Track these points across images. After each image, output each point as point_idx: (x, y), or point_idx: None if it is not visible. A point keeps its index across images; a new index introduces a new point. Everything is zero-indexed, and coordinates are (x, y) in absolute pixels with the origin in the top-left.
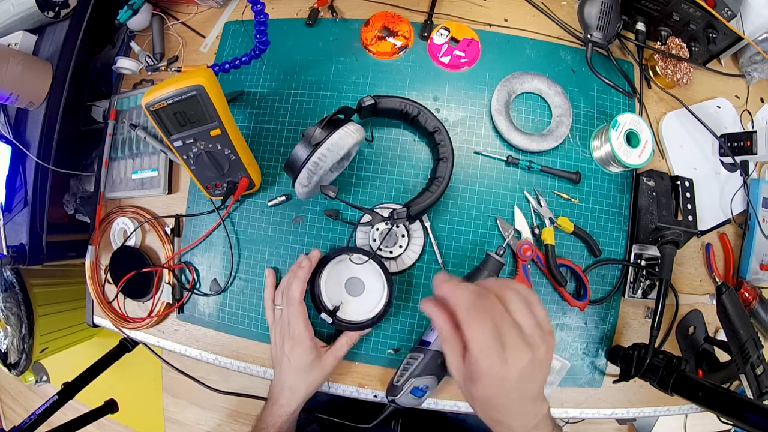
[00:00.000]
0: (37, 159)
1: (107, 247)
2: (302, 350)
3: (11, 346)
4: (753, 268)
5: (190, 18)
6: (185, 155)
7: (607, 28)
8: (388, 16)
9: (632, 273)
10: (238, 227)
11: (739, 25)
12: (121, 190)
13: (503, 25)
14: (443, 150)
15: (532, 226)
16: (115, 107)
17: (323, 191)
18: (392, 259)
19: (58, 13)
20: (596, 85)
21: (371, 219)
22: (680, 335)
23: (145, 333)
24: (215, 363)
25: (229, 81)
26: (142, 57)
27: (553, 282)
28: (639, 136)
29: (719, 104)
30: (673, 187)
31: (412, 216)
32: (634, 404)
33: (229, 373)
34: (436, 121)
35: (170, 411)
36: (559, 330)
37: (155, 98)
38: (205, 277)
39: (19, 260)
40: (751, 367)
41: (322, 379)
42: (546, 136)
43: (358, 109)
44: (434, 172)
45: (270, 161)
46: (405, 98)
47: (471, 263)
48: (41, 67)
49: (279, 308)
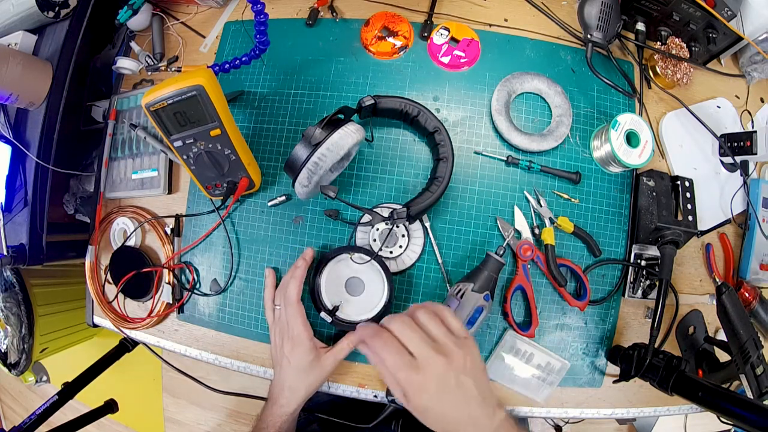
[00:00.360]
0: (37, 159)
1: (107, 247)
2: (302, 350)
3: (11, 346)
4: (753, 268)
5: (190, 18)
6: (185, 155)
7: (607, 28)
8: (388, 16)
9: (632, 273)
10: (238, 227)
11: (739, 25)
12: (121, 190)
13: (503, 25)
14: (443, 150)
15: (532, 226)
16: (115, 107)
17: (323, 191)
18: (392, 259)
19: (58, 13)
20: (596, 85)
21: (371, 219)
22: (680, 335)
23: (145, 333)
24: (215, 363)
25: (229, 81)
26: (142, 57)
27: (553, 282)
28: (639, 136)
29: (719, 104)
30: (673, 187)
31: (412, 216)
32: (634, 404)
33: (229, 373)
34: (436, 121)
35: (170, 411)
36: (559, 330)
37: (155, 98)
38: (205, 277)
39: (19, 260)
40: (751, 367)
41: (322, 380)
42: (546, 136)
43: (358, 109)
44: (434, 172)
45: (270, 161)
46: (405, 98)
47: (471, 263)
48: (41, 67)
49: (278, 308)
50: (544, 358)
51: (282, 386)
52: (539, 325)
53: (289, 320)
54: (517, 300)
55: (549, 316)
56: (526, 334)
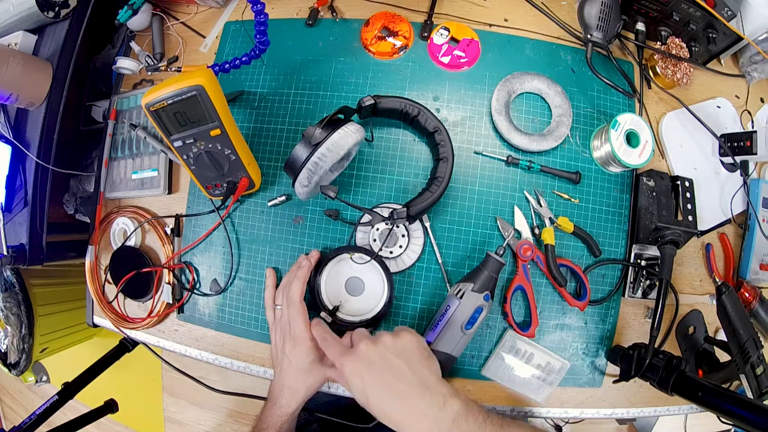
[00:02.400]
0: (37, 159)
1: (107, 247)
2: (303, 351)
3: (11, 346)
4: (753, 268)
5: (190, 18)
6: (185, 155)
7: (607, 28)
8: (388, 16)
9: (632, 273)
10: (238, 227)
11: (739, 25)
12: (121, 190)
13: (503, 25)
14: (443, 150)
15: (532, 226)
16: (115, 107)
17: (323, 191)
18: (392, 259)
19: (58, 13)
20: (596, 85)
21: (371, 219)
22: (680, 335)
23: (145, 333)
24: (215, 363)
25: (229, 81)
26: (142, 57)
27: (553, 282)
28: (639, 136)
29: (719, 104)
30: (673, 187)
31: (412, 216)
32: (634, 404)
33: (229, 373)
34: (436, 121)
35: (170, 411)
36: (559, 330)
37: (155, 98)
38: (205, 277)
39: (19, 260)
40: (751, 367)
41: (322, 380)
42: (546, 136)
43: (358, 109)
44: (434, 172)
45: (270, 161)
46: (405, 98)
47: (471, 263)
48: (41, 67)
49: (279, 308)
50: (544, 358)
51: (282, 386)
52: (539, 325)
53: (292, 320)
54: (517, 300)
55: (549, 316)
56: (526, 334)
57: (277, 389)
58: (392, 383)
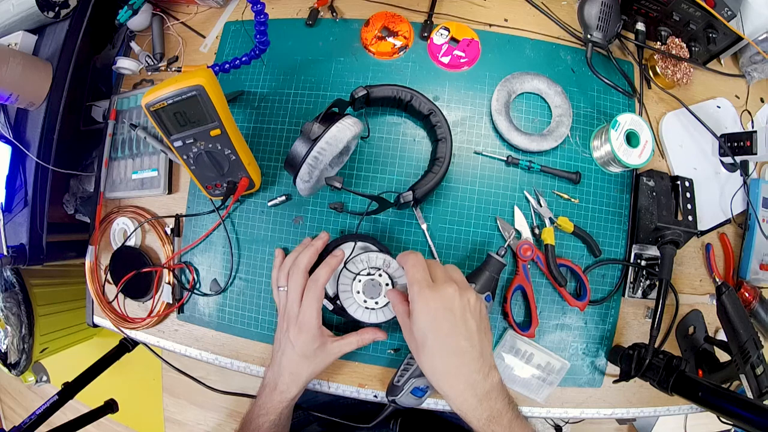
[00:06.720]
0: (37, 159)
1: (107, 247)
2: (308, 337)
3: (11, 346)
4: (753, 268)
5: (190, 18)
6: (185, 155)
7: (607, 28)
8: (388, 16)
9: (632, 273)
10: (238, 227)
11: (739, 25)
12: (121, 190)
13: (503, 25)
14: (440, 131)
15: (532, 226)
16: (115, 107)
17: (328, 182)
18: (378, 310)
19: (58, 13)
20: (596, 85)
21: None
22: (680, 335)
23: (145, 333)
24: (215, 363)
25: (229, 81)
26: (142, 57)
27: (553, 282)
28: (639, 136)
29: (719, 104)
30: (673, 187)
31: (417, 199)
32: (634, 404)
33: (229, 373)
34: (430, 104)
35: (170, 411)
36: (559, 330)
37: (155, 98)
38: (205, 277)
39: (19, 260)
40: (751, 367)
41: (323, 367)
42: (546, 136)
43: (352, 101)
44: (434, 154)
45: (270, 161)
46: (396, 85)
47: (471, 263)
48: (41, 67)
49: (283, 290)
50: (544, 358)
51: (281, 371)
52: (539, 325)
53: (304, 304)
54: (517, 300)
55: (549, 316)
56: (526, 334)
57: (275, 374)
58: (458, 338)
